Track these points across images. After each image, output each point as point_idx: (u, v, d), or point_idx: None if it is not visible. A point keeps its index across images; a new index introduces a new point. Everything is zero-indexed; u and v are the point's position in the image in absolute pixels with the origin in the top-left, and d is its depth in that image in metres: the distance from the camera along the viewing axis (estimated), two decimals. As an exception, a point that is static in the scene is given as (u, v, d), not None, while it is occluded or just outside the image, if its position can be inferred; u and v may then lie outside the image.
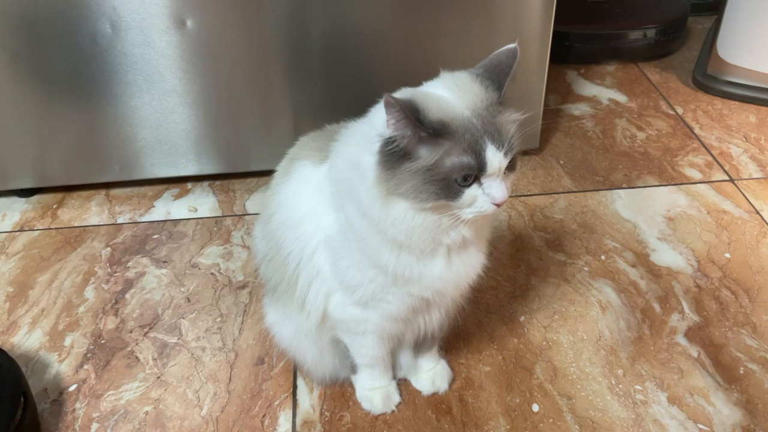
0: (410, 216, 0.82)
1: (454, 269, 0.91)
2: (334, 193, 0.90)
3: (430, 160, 0.78)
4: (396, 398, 1.12)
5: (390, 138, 0.77)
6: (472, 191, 0.80)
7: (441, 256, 0.89)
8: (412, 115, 0.75)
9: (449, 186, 0.79)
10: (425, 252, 0.87)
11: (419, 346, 1.12)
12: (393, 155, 0.78)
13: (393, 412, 1.11)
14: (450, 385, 1.15)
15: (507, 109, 0.82)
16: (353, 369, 1.11)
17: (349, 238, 0.90)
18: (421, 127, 0.76)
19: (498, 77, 0.83)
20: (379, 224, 0.84)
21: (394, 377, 1.14)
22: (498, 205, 0.81)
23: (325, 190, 0.92)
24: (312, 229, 0.95)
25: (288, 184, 0.99)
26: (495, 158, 0.78)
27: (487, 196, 0.81)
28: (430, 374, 1.14)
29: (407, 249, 0.86)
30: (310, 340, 1.06)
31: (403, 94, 0.82)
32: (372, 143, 0.80)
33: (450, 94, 0.81)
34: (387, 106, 0.75)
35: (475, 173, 0.79)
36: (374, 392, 1.11)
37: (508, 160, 0.80)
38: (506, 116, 0.81)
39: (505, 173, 0.81)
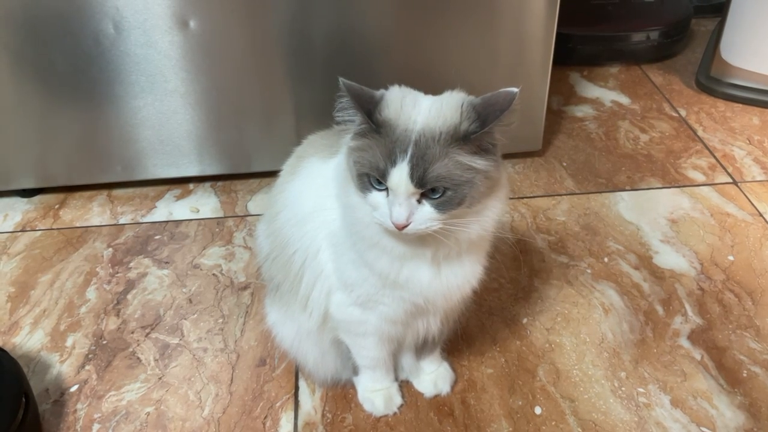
0: (359, 201, 0.84)
1: (443, 280, 0.90)
2: (338, 185, 0.90)
3: (363, 145, 0.80)
4: (398, 400, 1.12)
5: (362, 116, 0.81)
6: (378, 196, 0.81)
7: (426, 264, 0.88)
8: (359, 102, 0.79)
9: (363, 179, 0.81)
10: (396, 254, 0.86)
11: (421, 349, 1.12)
12: (360, 132, 0.82)
13: (395, 413, 1.11)
14: (452, 387, 1.15)
15: (467, 148, 0.78)
16: (355, 370, 1.11)
17: (347, 234, 0.90)
18: (367, 117, 0.79)
19: (485, 115, 0.78)
20: (342, 203, 0.87)
21: (396, 379, 1.14)
22: (397, 227, 0.79)
23: (331, 185, 0.92)
24: (317, 226, 0.95)
25: (295, 182, 0.99)
26: (397, 175, 0.77)
27: (388, 211, 0.79)
28: (433, 376, 1.14)
29: (375, 246, 0.86)
30: (311, 341, 1.06)
31: (391, 90, 0.84)
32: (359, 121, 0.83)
33: (427, 105, 0.80)
34: (342, 89, 0.79)
35: (380, 180, 0.79)
36: (376, 394, 1.11)
37: (417, 190, 0.78)
38: (454, 153, 0.77)
39: (420, 202, 0.79)
